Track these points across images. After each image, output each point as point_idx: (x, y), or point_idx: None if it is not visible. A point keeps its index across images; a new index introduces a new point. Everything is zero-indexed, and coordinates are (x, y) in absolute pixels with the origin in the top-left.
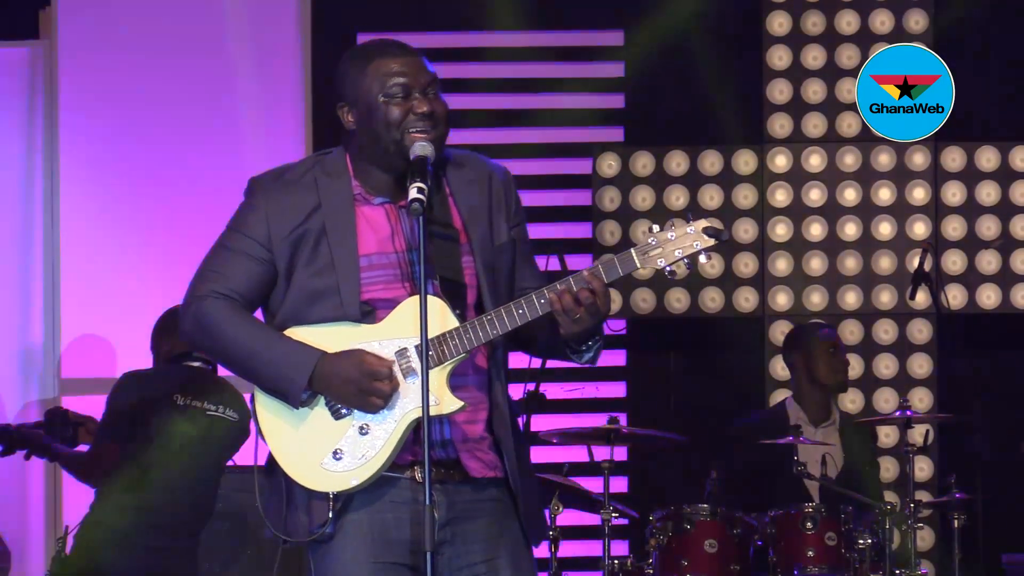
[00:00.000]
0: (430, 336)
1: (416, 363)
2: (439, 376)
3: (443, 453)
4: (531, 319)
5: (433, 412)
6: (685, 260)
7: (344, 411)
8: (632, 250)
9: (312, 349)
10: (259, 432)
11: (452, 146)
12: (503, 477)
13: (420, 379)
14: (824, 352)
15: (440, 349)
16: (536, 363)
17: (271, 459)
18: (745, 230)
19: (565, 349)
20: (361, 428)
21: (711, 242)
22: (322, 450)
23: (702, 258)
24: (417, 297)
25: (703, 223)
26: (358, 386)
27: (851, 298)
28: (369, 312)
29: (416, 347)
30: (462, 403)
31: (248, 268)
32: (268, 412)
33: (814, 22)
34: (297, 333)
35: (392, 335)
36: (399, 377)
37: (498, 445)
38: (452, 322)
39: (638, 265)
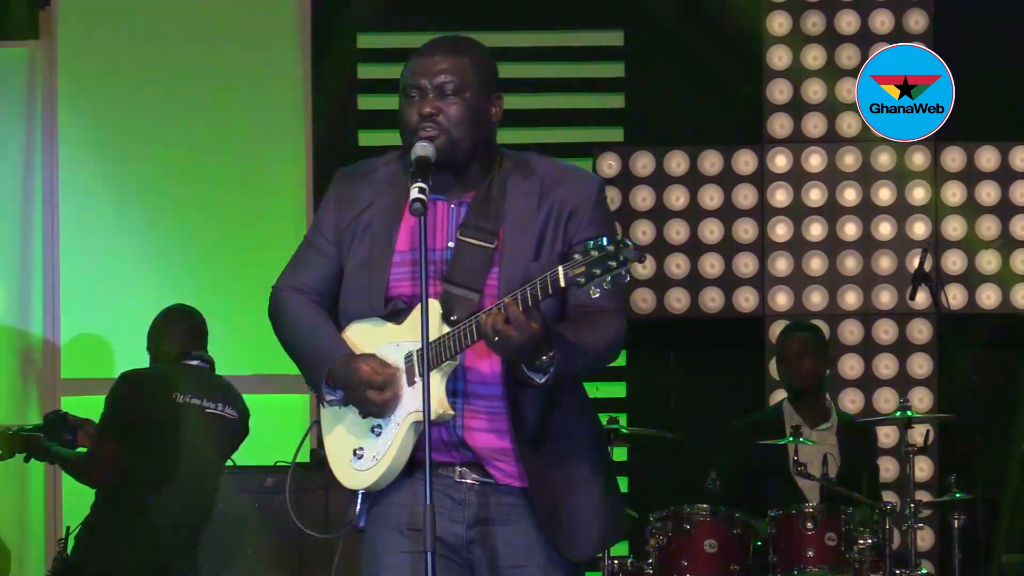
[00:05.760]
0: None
1: (417, 368)
2: (432, 381)
3: (465, 455)
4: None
5: (422, 419)
6: (607, 278)
7: None
8: (560, 267)
9: (337, 350)
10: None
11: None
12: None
13: (419, 384)
14: (786, 353)
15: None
16: None
17: None
18: (745, 230)
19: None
20: (374, 428)
21: (624, 263)
22: (349, 449)
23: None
24: (431, 301)
25: (620, 244)
26: (357, 392)
27: (851, 298)
28: (404, 309)
29: (416, 352)
30: (451, 412)
31: (316, 263)
32: (324, 409)
33: (814, 22)
34: (348, 331)
35: (408, 337)
36: (403, 381)
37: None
38: (444, 328)
39: (561, 283)
